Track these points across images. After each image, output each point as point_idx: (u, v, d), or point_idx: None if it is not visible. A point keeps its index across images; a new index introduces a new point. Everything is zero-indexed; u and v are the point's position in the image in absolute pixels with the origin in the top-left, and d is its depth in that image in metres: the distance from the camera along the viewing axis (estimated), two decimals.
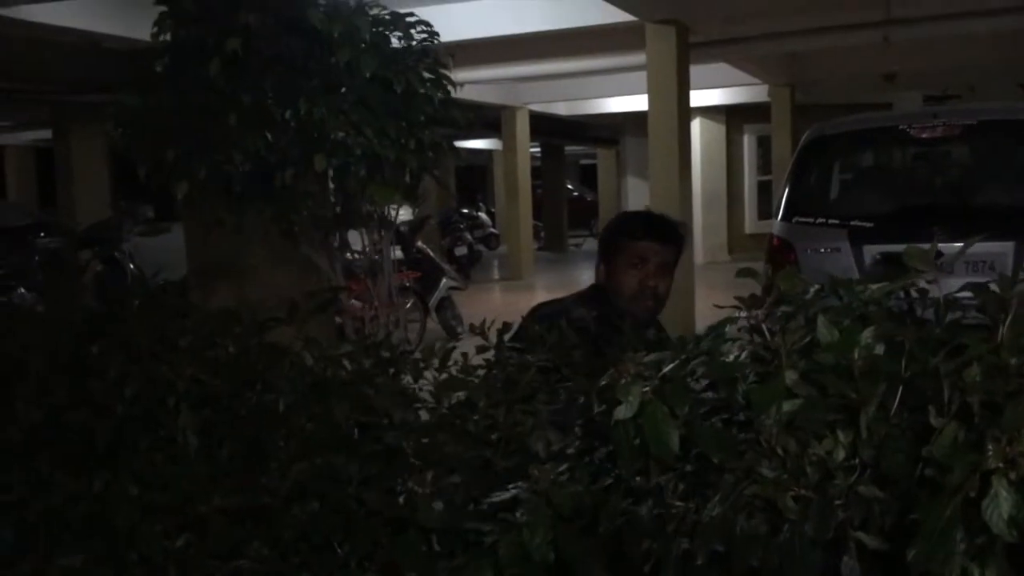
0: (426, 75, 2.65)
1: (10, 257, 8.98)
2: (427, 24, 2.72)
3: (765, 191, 14.87)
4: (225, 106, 2.47)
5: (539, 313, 2.45)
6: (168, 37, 2.65)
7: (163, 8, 2.69)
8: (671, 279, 2.39)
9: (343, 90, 2.53)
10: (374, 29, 2.55)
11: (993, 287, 1.16)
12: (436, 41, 2.72)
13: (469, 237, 15.65)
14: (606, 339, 2.23)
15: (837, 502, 1.06)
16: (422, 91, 2.58)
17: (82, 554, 1.24)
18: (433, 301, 8.32)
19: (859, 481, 1.06)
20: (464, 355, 1.51)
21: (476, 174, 27.47)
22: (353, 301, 3.33)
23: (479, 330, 1.58)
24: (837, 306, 1.22)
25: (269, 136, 2.49)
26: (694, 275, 8.46)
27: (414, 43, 2.67)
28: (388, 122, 2.53)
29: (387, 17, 2.66)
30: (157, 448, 1.35)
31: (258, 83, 2.48)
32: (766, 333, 1.18)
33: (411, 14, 2.72)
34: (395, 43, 2.67)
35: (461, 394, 1.43)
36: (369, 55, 2.49)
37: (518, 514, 1.08)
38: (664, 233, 2.39)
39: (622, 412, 1.09)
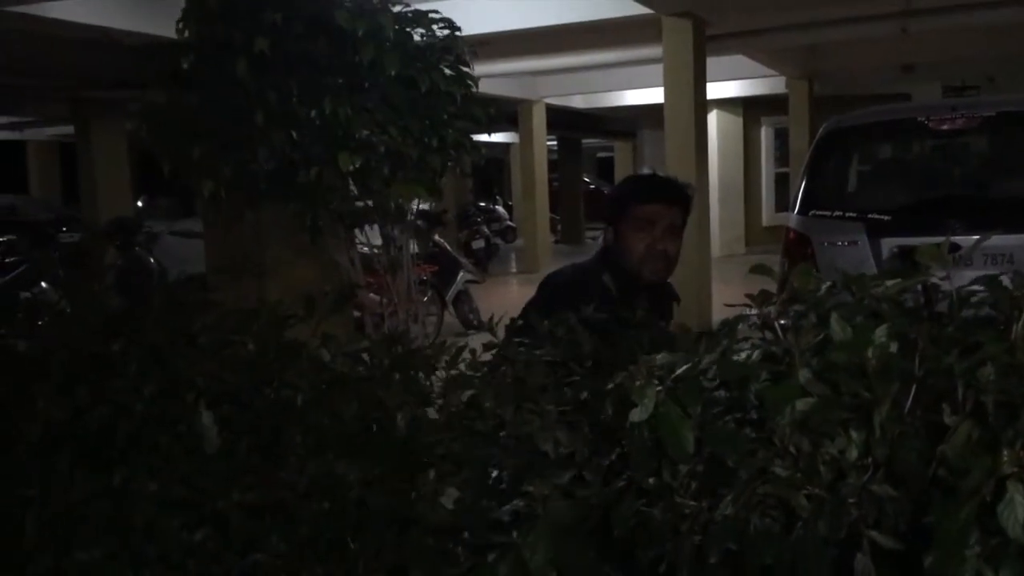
0: (448, 72, 2.66)
1: (32, 251, 9.08)
2: (449, 21, 2.72)
3: (783, 183, 14.79)
4: (252, 105, 2.49)
5: (553, 282, 2.45)
6: (190, 34, 2.67)
7: (186, 6, 2.71)
8: (680, 240, 2.39)
9: (367, 88, 2.54)
10: (397, 27, 2.56)
11: (1005, 282, 1.15)
12: (458, 37, 2.73)
13: (486, 230, 15.69)
14: (623, 302, 2.26)
15: (850, 501, 1.06)
16: (444, 89, 2.59)
17: (101, 549, 1.26)
18: (450, 294, 8.34)
19: (872, 480, 1.06)
20: (472, 352, 1.52)
21: (493, 167, 27.46)
22: (372, 295, 3.34)
23: (488, 326, 1.59)
24: (850, 303, 1.22)
25: (294, 134, 2.50)
26: (711, 268, 8.44)
27: (436, 41, 2.68)
28: (412, 120, 2.54)
29: (410, 15, 2.66)
30: (176, 444, 1.36)
31: (284, 82, 2.49)
32: (778, 331, 1.18)
33: (434, 11, 2.72)
34: (416, 38, 2.67)
35: (470, 392, 1.44)
36: (393, 53, 2.50)
37: (515, 534, 1.09)
38: (671, 195, 2.39)
39: (637, 415, 1.10)
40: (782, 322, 1.20)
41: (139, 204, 11.92)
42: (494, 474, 1.32)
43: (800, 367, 1.12)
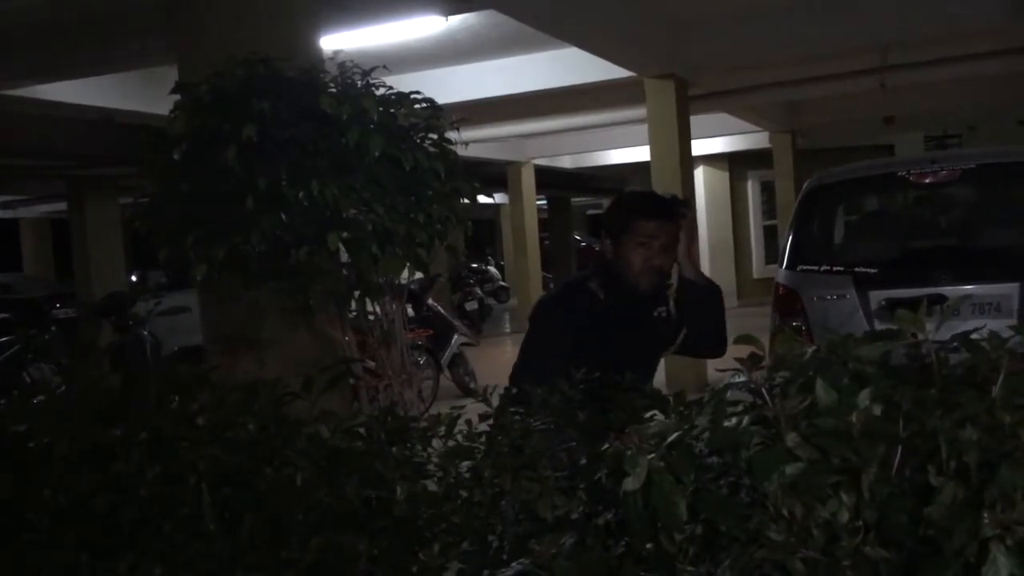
0: (431, 149, 2.74)
1: (27, 329, 9.05)
2: (431, 100, 2.81)
3: (772, 236, 14.92)
4: (242, 190, 2.56)
5: (541, 302, 2.66)
6: (181, 125, 2.74)
7: (178, 99, 2.78)
8: (674, 254, 2.56)
9: (354, 169, 2.61)
10: (381, 109, 2.64)
11: (984, 344, 1.18)
12: (440, 116, 2.81)
13: (479, 292, 15.74)
14: (617, 312, 2.34)
15: (845, 563, 1.08)
16: (428, 166, 2.66)
17: None
18: (445, 358, 8.33)
19: (864, 542, 1.08)
20: (468, 423, 1.54)
21: (484, 228, 27.65)
22: (369, 361, 3.35)
23: (482, 395, 1.61)
24: (835, 367, 1.25)
25: (284, 217, 2.57)
26: None
27: (419, 120, 2.76)
28: (397, 198, 2.62)
29: (393, 97, 2.75)
30: (179, 527, 1.37)
31: (273, 167, 2.56)
32: (767, 397, 1.21)
33: (416, 92, 2.81)
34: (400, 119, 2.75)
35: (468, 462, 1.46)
36: (377, 135, 2.58)
37: None
38: (669, 212, 2.55)
39: (630, 484, 1.12)
40: (768, 387, 1.22)
41: (132, 279, 11.94)
42: (495, 544, 1.33)
43: (787, 432, 1.14)
